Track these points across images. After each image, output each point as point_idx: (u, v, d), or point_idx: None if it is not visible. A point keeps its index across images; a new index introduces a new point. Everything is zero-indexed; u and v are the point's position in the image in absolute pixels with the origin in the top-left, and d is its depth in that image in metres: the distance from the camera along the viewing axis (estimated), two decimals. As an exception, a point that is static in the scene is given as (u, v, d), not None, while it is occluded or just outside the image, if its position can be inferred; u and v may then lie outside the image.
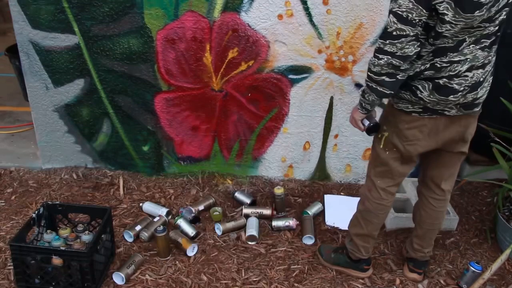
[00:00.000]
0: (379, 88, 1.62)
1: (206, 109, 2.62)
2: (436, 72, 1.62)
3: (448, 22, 1.48)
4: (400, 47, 1.52)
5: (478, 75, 1.63)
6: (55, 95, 2.66)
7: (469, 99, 1.65)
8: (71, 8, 2.41)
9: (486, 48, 1.60)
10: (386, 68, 1.56)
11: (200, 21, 2.39)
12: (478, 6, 1.45)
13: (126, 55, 2.50)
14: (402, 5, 1.47)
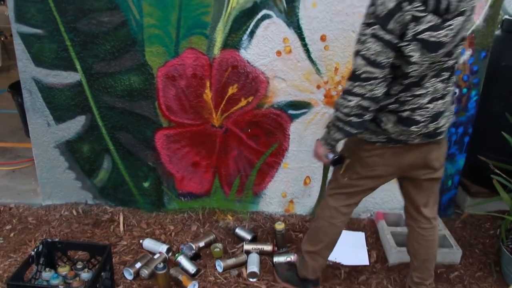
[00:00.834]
0: (346, 127, 1.65)
1: (206, 145, 2.63)
2: (400, 105, 1.66)
3: (414, 63, 1.54)
4: (370, 89, 1.55)
5: (439, 106, 1.68)
6: (56, 132, 2.68)
7: (431, 129, 1.70)
8: (74, 46, 2.46)
9: (445, 80, 1.67)
10: (355, 109, 1.59)
11: (200, 58, 2.43)
12: (441, 45, 1.52)
13: (127, 92, 2.53)
14: (371, 48, 1.51)
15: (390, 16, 1.46)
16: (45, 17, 2.41)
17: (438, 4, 1.46)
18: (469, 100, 2.60)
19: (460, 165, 2.74)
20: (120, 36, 2.41)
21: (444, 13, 1.48)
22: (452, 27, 1.50)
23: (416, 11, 1.46)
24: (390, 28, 1.47)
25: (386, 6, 1.46)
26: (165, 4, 2.33)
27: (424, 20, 1.47)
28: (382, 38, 1.49)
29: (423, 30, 1.48)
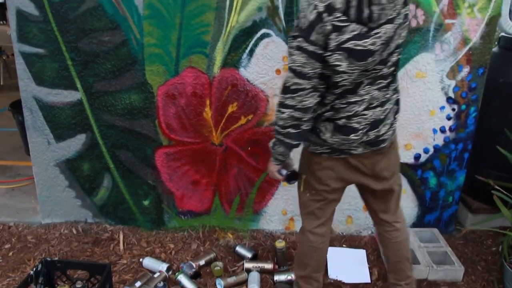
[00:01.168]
0: (286, 140, 1.69)
1: (206, 163, 2.64)
2: (335, 113, 1.68)
3: (342, 72, 1.56)
4: (300, 100, 1.59)
5: (377, 113, 1.69)
6: (56, 150, 2.69)
7: (371, 137, 1.71)
8: (75, 65, 2.48)
9: (383, 88, 1.67)
10: (289, 121, 1.63)
11: (200, 76, 2.45)
12: (370, 53, 1.54)
13: (127, 110, 2.54)
14: (296, 60, 1.55)
15: (311, 28, 1.50)
16: (46, 36, 2.44)
17: (359, 13, 1.48)
18: (468, 116, 2.61)
19: (461, 181, 2.74)
20: (120, 55, 2.43)
21: (368, 21, 1.50)
22: (380, 35, 1.52)
23: (337, 21, 1.48)
24: (312, 39, 1.51)
25: (308, 18, 1.50)
26: (165, 24, 2.36)
27: (347, 30, 1.49)
28: (306, 49, 1.52)
29: (347, 40, 1.50)
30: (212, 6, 2.32)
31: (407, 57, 2.45)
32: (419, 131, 2.60)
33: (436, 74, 2.51)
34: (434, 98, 2.55)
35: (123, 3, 2.35)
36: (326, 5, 1.48)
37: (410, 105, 2.55)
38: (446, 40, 2.45)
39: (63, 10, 2.38)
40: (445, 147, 2.65)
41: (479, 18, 2.43)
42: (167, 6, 2.33)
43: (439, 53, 2.47)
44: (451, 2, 2.39)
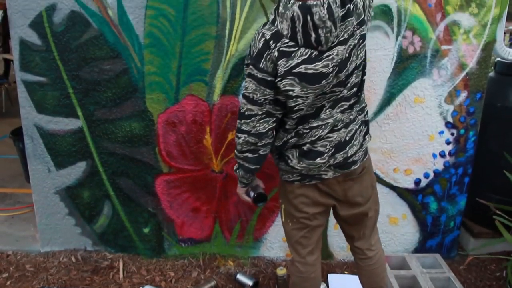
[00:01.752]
0: (245, 164, 1.74)
1: (206, 191, 2.63)
2: (299, 138, 1.70)
3: (296, 97, 1.57)
4: (253, 126, 1.63)
5: (342, 135, 1.69)
6: (56, 178, 2.69)
7: (339, 159, 1.70)
8: (76, 93, 2.51)
9: (346, 110, 1.67)
10: (245, 145, 1.68)
11: (200, 104, 2.47)
12: (323, 76, 1.54)
13: (127, 138, 2.55)
14: (248, 87, 1.59)
15: (260, 55, 1.54)
16: (48, 65, 2.47)
17: (307, 37, 1.49)
18: (467, 140, 2.62)
19: (462, 206, 2.73)
20: (121, 83, 2.46)
21: (317, 45, 1.50)
22: (332, 57, 1.52)
23: (284, 47, 1.51)
24: (261, 67, 1.54)
25: (257, 46, 1.55)
26: (166, 52, 2.39)
27: (296, 55, 1.51)
28: (256, 76, 1.56)
29: (297, 64, 1.52)
30: (211, 34, 2.36)
31: (404, 83, 2.48)
32: (418, 156, 2.61)
33: (434, 99, 2.53)
34: (433, 123, 2.56)
35: (124, 32, 2.39)
36: (273, 33, 1.52)
37: (409, 130, 2.56)
38: (443, 66, 2.48)
39: (65, 39, 2.42)
40: (445, 171, 2.65)
41: (474, 44, 2.47)
42: (167, 35, 2.37)
43: (437, 78, 2.50)
44: (447, 29, 2.43)
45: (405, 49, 2.44)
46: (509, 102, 2.72)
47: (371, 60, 2.41)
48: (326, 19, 1.45)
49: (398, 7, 2.38)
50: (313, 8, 1.45)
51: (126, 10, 2.36)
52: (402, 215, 2.72)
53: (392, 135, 2.56)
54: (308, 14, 1.45)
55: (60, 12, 2.38)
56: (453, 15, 2.42)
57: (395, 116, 2.53)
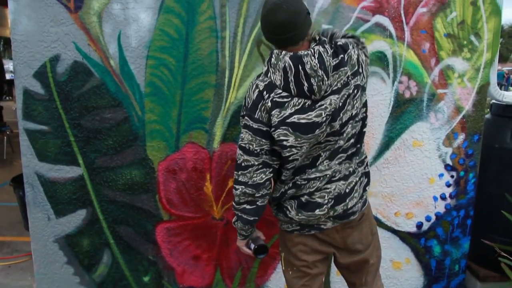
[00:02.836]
0: (243, 215, 1.73)
1: (207, 238, 2.61)
2: (297, 190, 1.68)
3: (290, 147, 1.57)
4: (250, 177, 1.63)
5: (341, 187, 1.67)
6: (56, 226, 2.66)
7: (339, 211, 1.69)
8: (77, 141, 2.52)
9: (344, 161, 1.67)
10: (243, 197, 1.68)
11: (200, 152, 2.49)
12: (316, 125, 1.55)
13: (128, 185, 2.55)
14: (244, 138, 1.61)
15: (255, 106, 1.57)
16: (51, 114, 2.50)
17: (299, 87, 1.51)
18: (468, 182, 2.62)
19: (466, 249, 2.70)
20: (122, 131, 2.49)
21: (310, 94, 1.52)
22: (326, 106, 1.54)
23: (278, 98, 1.54)
24: (256, 117, 1.57)
25: (251, 97, 1.58)
26: (166, 101, 2.43)
27: (289, 105, 1.53)
28: (252, 127, 1.58)
29: (290, 114, 1.54)
30: (211, 83, 2.41)
31: (402, 127, 2.51)
32: (419, 199, 2.60)
33: (432, 142, 2.55)
34: (432, 165, 2.57)
35: (126, 82, 2.44)
36: (266, 84, 1.56)
37: (409, 174, 2.56)
38: (440, 109, 2.52)
39: (68, 88, 2.46)
40: (447, 214, 2.64)
41: (469, 87, 2.52)
42: (167, 84, 2.41)
43: (434, 121, 2.53)
44: (442, 73, 2.49)
45: (402, 94, 2.49)
46: (507, 143, 2.74)
47: (369, 105, 2.42)
48: (317, 68, 1.49)
49: (393, 53, 2.44)
50: (304, 58, 1.50)
51: (128, 60, 2.42)
52: (406, 259, 2.69)
53: (392, 179, 2.56)
54: (299, 64, 1.50)
55: (63, 63, 2.44)
56: (447, 60, 2.48)
57: (394, 160, 2.54)
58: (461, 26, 2.45)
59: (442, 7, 2.43)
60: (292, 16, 1.50)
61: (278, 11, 1.50)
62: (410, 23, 2.43)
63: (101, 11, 2.38)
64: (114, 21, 2.38)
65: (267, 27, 1.55)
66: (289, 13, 1.50)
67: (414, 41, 2.45)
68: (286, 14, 1.50)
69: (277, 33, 1.53)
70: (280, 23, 1.50)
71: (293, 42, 1.54)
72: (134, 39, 2.39)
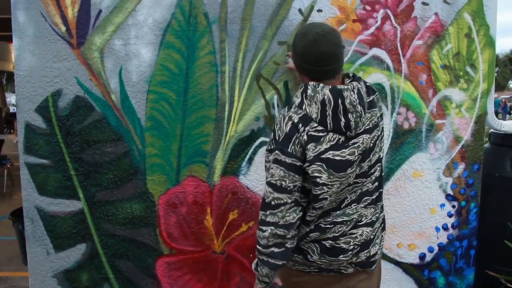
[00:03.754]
0: (270, 260, 1.54)
1: (208, 272, 2.58)
2: (321, 233, 1.58)
3: (322, 184, 1.48)
4: (281, 216, 1.50)
5: (368, 233, 1.60)
6: (55, 261, 2.64)
7: (362, 258, 1.60)
8: (78, 175, 2.53)
9: (370, 205, 1.61)
10: (272, 239, 1.51)
11: (200, 185, 2.49)
12: (348, 164, 1.49)
13: (128, 219, 2.54)
14: (275, 174, 1.50)
15: (288, 139, 1.48)
16: (52, 148, 2.51)
17: (336, 122, 1.46)
18: (469, 212, 2.61)
19: (470, 280, 2.66)
20: (123, 165, 2.49)
21: (345, 130, 1.48)
22: (358, 145, 1.49)
23: (314, 132, 1.47)
24: (290, 151, 1.47)
25: (283, 130, 1.49)
26: (166, 135, 2.45)
27: (325, 140, 1.47)
28: (284, 162, 1.48)
29: (326, 150, 1.47)
30: (211, 117, 2.43)
31: (402, 158, 2.52)
32: (421, 230, 2.58)
33: (432, 173, 2.55)
34: (433, 196, 2.56)
35: (126, 116, 2.46)
36: (301, 116, 1.48)
37: (410, 205, 2.55)
38: (439, 140, 2.54)
39: (69, 123, 2.49)
40: (449, 245, 2.61)
41: (467, 117, 2.54)
42: (168, 118, 2.44)
43: (434, 152, 2.54)
44: (440, 104, 2.51)
45: (401, 125, 2.50)
46: (507, 172, 2.75)
47: (368, 137, 2.47)
48: (356, 103, 1.47)
49: (391, 85, 2.48)
50: (344, 92, 1.47)
51: (129, 95, 2.45)
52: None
53: (393, 210, 2.55)
54: (339, 98, 1.46)
55: (65, 97, 2.47)
56: (444, 90, 2.51)
57: (395, 191, 2.54)
58: (457, 57, 2.50)
59: (437, 39, 2.48)
60: (337, 47, 1.48)
61: (324, 42, 1.47)
62: (406, 55, 2.47)
63: (103, 47, 2.43)
64: (116, 57, 2.43)
65: (309, 57, 1.50)
66: (334, 45, 1.48)
67: (411, 73, 2.48)
68: (332, 45, 1.47)
69: (320, 64, 1.49)
70: (326, 54, 1.47)
71: (332, 74, 1.51)
72: (135, 74, 2.43)
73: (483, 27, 2.49)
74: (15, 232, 3.65)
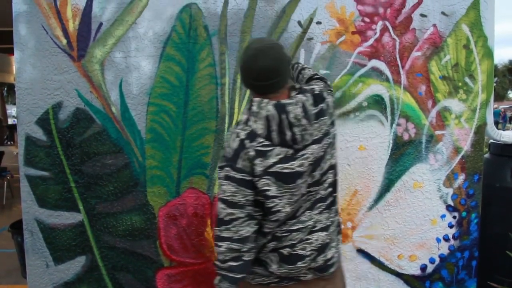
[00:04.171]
0: (229, 274, 1.55)
1: (208, 284, 2.55)
2: (278, 242, 1.60)
3: (273, 197, 1.51)
4: (235, 231, 1.51)
5: (323, 238, 1.61)
6: (54, 273, 2.62)
7: (320, 262, 1.62)
8: (78, 187, 2.53)
9: (324, 211, 1.62)
10: (228, 253, 1.52)
11: (200, 197, 2.49)
12: (298, 175, 1.51)
13: (128, 231, 2.54)
14: (226, 190, 1.51)
15: (236, 155, 1.50)
16: (52, 160, 2.52)
17: (282, 136, 1.48)
18: (470, 223, 2.60)
19: (472, 291, 2.65)
20: (123, 177, 2.49)
21: (292, 144, 1.50)
22: (307, 156, 1.51)
23: (260, 147, 1.49)
24: (239, 167, 1.50)
25: (232, 147, 1.51)
26: (167, 147, 2.45)
27: (272, 154, 1.49)
28: (234, 178, 1.50)
29: (274, 164, 1.49)
30: (211, 129, 2.44)
31: (402, 168, 2.52)
32: (422, 241, 2.57)
33: (433, 183, 2.55)
34: (434, 207, 2.56)
35: (127, 128, 2.47)
36: (248, 132, 1.51)
37: (411, 216, 2.55)
38: (439, 150, 2.54)
39: (70, 135, 2.49)
40: (451, 256, 2.60)
41: (467, 128, 2.54)
42: (168, 130, 2.44)
43: (434, 163, 2.54)
44: (439, 115, 2.52)
45: (400, 136, 2.51)
46: (507, 182, 2.74)
47: (368, 148, 2.47)
48: (301, 117, 1.48)
49: (390, 96, 2.49)
50: (287, 106, 1.48)
51: (129, 107, 2.46)
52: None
53: (394, 221, 2.55)
54: (283, 113, 1.48)
55: (65, 110, 2.48)
56: (444, 101, 2.52)
57: (395, 202, 2.54)
58: (455, 68, 2.51)
59: (436, 50, 2.49)
60: (276, 62, 1.50)
61: (262, 57, 1.50)
62: (405, 66, 2.49)
63: (104, 59, 2.44)
64: (116, 69, 2.44)
65: (249, 73, 1.53)
66: (273, 59, 1.50)
67: (410, 84, 2.50)
68: (270, 60, 1.49)
69: (259, 79, 1.51)
70: (264, 69, 1.50)
71: (274, 89, 1.53)
72: (136, 86, 2.44)
73: (481, 38, 2.51)
74: (14, 245, 3.63)
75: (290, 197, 1.54)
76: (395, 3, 2.45)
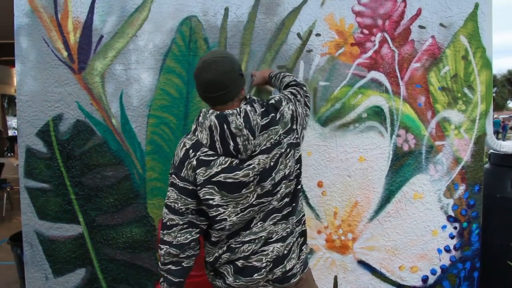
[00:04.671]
0: (168, 276, 1.64)
1: (208, 297, 2.55)
2: (232, 253, 1.61)
3: (216, 206, 1.54)
4: (174, 236, 1.58)
5: (279, 249, 1.61)
6: (54, 286, 2.61)
7: (278, 274, 1.62)
8: (78, 199, 2.52)
9: (280, 221, 1.62)
10: (168, 257, 1.61)
11: (201, 208, 2.48)
12: (242, 185, 1.53)
13: (128, 244, 2.52)
14: (170, 196, 1.57)
15: (181, 164, 1.55)
16: (52, 172, 2.51)
17: (225, 146, 1.50)
18: (471, 234, 2.60)
19: (474, 303, 2.63)
20: (123, 189, 2.49)
21: (236, 153, 1.51)
22: (254, 166, 1.52)
23: (204, 156, 1.52)
24: (183, 175, 1.54)
25: (178, 155, 1.56)
26: (167, 159, 2.45)
27: (215, 163, 1.51)
28: (177, 185, 1.55)
29: (217, 173, 1.51)
30: (211, 140, 2.44)
31: (402, 179, 2.52)
32: (423, 252, 2.57)
33: (433, 194, 2.55)
34: (435, 217, 2.56)
35: (127, 140, 2.47)
36: (193, 142, 1.55)
37: (412, 227, 2.54)
38: (439, 161, 2.54)
39: (70, 147, 2.49)
40: (452, 267, 2.59)
41: (466, 138, 2.55)
42: (168, 142, 2.45)
43: (434, 173, 2.54)
44: (439, 125, 2.52)
45: (400, 147, 2.51)
46: (508, 193, 2.74)
47: (368, 159, 2.47)
48: (242, 127, 1.49)
49: (390, 107, 2.49)
50: (229, 117, 1.50)
51: (129, 119, 2.46)
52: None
53: (395, 232, 2.54)
54: (224, 123, 1.50)
55: (66, 122, 2.48)
56: (443, 112, 2.53)
57: (395, 213, 2.53)
58: (454, 79, 2.52)
59: (434, 62, 2.51)
60: (221, 75, 1.52)
61: (208, 70, 1.53)
62: (405, 78, 2.50)
63: (104, 72, 2.46)
64: (116, 81, 2.45)
65: (198, 85, 1.57)
66: (218, 72, 1.52)
67: (409, 95, 2.51)
68: (215, 73, 1.52)
69: (207, 91, 1.55)
70: (209, 82, 1.53)
71: (222, 101, 1.55)
72: (136, 99, 2.45)
73: (480, 49, 2.53)
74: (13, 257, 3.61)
75: (236, 206, 1.55)
76: (394, 15, 2.47)
